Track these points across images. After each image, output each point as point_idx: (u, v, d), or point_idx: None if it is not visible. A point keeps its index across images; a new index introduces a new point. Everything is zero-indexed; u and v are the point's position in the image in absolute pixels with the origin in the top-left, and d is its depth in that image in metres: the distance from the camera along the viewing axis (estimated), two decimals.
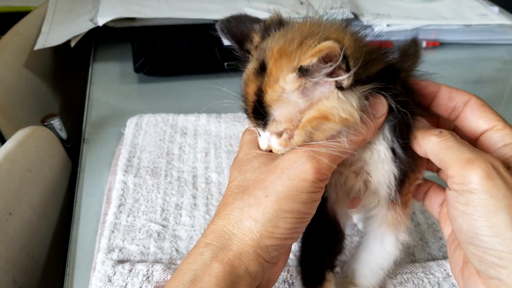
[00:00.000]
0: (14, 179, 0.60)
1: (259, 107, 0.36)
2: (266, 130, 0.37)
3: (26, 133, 0.66)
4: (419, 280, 0.51)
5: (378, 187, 0.40)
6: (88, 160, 0.69)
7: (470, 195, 0.34)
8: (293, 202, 0.35)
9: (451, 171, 0.35)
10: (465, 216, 0.34)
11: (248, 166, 0.38)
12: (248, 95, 0.37)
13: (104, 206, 0.61)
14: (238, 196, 0.37)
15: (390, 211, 0.43)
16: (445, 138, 0.36)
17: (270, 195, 0.35)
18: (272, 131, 0.36)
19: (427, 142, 0.37)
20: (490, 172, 0.33)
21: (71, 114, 0.98)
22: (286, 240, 0.37)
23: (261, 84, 0.35)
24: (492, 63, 1.03)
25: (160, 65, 0.89)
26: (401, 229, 0.44)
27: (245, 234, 0.35)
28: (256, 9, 1.02)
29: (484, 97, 0.40)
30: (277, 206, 0.35)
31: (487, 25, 1.08)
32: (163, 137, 0.72)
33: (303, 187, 0.35)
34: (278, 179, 0.35)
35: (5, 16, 1.29)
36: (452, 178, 0.35)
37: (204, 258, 0.35)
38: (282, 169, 0.36)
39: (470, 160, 0.34)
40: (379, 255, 0.45)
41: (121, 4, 0.98)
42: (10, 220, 0.57)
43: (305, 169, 0.35)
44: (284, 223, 0.35)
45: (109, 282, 0.49)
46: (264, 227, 0.35)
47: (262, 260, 0.36)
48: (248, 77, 0.38)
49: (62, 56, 1.06)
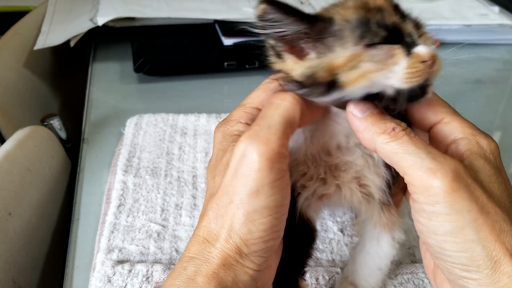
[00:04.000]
0: (13, 179, 0.60)
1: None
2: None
3: (25, 133, 0.66)
4: (419, 281, 0.51)
5: (375, 191, 0.40)
6: (87, 160, 0.69)
7: (433, 209, 0.31)
8: (257, 200, 0.32)
9: (410, 179, 0.32)
10: (429, 232, 0.32)
11: (218, 169, 0.36)
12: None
13: (103, 206, 0.60)
14: (209, 206, 0.34)
15: (383, 213, 0.43)
16: (398, 138, 0.33)
17: (234, 200, 0.33)
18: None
19: (378, 141, 0.33)
20: (454, 184, 0.31)
21: (70, 114, 0.98)
22: (268, 242, 0.34)
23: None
24: (493, 63, 1.03)
25: (160, 65, 0.89)
26: (396, 228, 0.44)
27: (224, 246, 0.33)
28: None
29: (484, 97, 0.40)
30: (242, 210, 0.32)
31: (487, 25, 1.07)
32: (163, 137, 0.72)
33: (261, 179, 0.32)
34: (234, 179, 0.33)
35: (4, 15, 1.29)
36: (413, 187, 0.32)
37: (187, 273, 0.33)
38: (234, 167, 0.33)
39: (431, 170, 0.31)
40: (376, 256, 0.45)
41: (121, 4, 0.98)
42: (9, 220, 0.57)
43: (255, 158, 0.31)
44: (255, 226, 0.32)
45: (108, 282, 0.49)
46: (238, 236, 0.33)
47: (249, 270, 0.34)
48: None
49: (61, 56, 1.06)
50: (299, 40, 0.34)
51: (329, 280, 0.51)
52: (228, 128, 0.38)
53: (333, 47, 0.33)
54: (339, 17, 0.33)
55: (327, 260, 0.54)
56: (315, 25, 0.33)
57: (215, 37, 0.94)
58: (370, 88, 0.34)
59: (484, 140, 0.35)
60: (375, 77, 0.33)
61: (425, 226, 0.33)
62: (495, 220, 0.31)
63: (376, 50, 0.32)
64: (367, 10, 0.34)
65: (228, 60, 0.90)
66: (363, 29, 0.33)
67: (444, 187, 0.30)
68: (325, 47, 0.33)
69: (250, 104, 0.39)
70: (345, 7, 0.34)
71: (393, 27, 0.33)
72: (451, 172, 0.31)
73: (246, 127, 0.37)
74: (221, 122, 0.39)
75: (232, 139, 0.37)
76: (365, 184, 0.40)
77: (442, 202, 0.31)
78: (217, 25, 0.96)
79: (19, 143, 0.64)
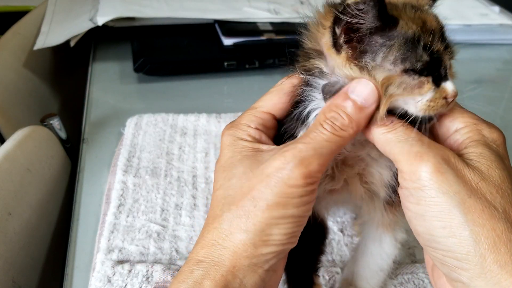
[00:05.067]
0: (13, 179, 0.60)
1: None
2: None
3: (25, 133, 0.66)
4: (420, 281, 0.51)
5: (380, 188, 0.39)
6: (87, 160, 0.69)
7: (420, 192, 0.31)
8: (284, 209, 0.33)
9: (400, 165, 0.33)
10: (418, 217, 0.32)
11: (233, 172, 0.36)
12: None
13: (103, 206, 0.60)
14: (226, 208, 0.35)
15: (386, 212, 0.42)
16: (394, 129, 0.34)
17: (259, 204, 0.33)
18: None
19: (376, 132, 0.34)
20: (440, 166, 0.31)
21: (70, 114, 0.98)
22: (284, 246, 0.35)
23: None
24: (493, 63, 1.03)
25: (159, 64, 0.89)
26: (398, 229, 0.43)
27: (238, 247, 0.33)
28: (256, 9, 1.02)
29: (485, 97, 0.40)
30: (267, 214, 0.33)
31: (487, 25, 1.07)
32: (163, 137, 0.72)
33: (293, 193, 0.33)
34: (266, 187, 0.33)
35: (4, 15, 1.29)
36: (402, 174, 0.33)
37: (194, 277, 0.33)
38: (269, 175, 0.33)
39: (418, 154, 0.32)
40: (378, 257, 0.45)
41: (121, 3, 0.98)
42: (9, 220, 0.57)
43: (294, 175, 0.32)
44: (278, 229, 0.33)
45: (108, 282, 0.49)
46: (258, 237, 0.33)
47: (260, 270, 0.34)
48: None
49: (61, 56, 1.06)
50: (362, 39, 0.33)
51: (329, 280, 0.51)
52: (238, 132, 0.38)
53: (377, 54, 0.33)
54: (401, 24, 0.33)
55: (327, 260, 0.54)
56: (383, 22, 0.32)
57: (215, 37, 0.94)
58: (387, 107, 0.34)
59: (486, 128, 0.35)
60: (398, 101, 0.34)
61: (414, 212, 0.33)
62: (487, 205, 0.30)
63: (409, 77, 0.33)
64: (423, 29, 0.34)
65: (228, 60, 0.90)
66: (410, 48, 0.33)
67: (430, 169, 0.31)
68: (372, 50, 0.33)
69: (261, 108, 0.39)
70: (408, 15, 0.34)
71: (436, 56, 0.34)
72: (439, 156, 0.31)
73: (256, 132, 0.38)
74: (230, 124, 0.39)
75: (242, 144, 0.37)
76: (369, 180, 0.40)
77: (428, 184, 0.31)
78: (217, 25, 0.96)
79: (19, 143, 0.64)
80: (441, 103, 0.34)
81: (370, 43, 0.33)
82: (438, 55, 0.34)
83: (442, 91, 0.34)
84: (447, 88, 0.34)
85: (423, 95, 0.33)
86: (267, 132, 0.38)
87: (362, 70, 0.33)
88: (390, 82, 0.33)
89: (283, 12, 1.01)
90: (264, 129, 0.38)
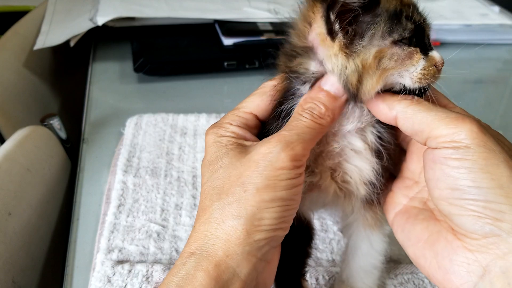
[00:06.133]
0: (13, 179, 0.60)
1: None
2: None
3: (25, 133, 0.66)
4: (420, 281, 0.51)
5: (359, 186, 0.39)
6: (87, 160, 0.69)
7: (467, 150, 0.32)
8: (274, 191, 0.34)
9: (438, 131, 0.34)
10: (462, 170, 0.32)
11: (219, 164, 0.37)
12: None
13: (103, 206, 0.60)
14: (215, 197, 0.35)
15: (367, 212, 0.42)
16: (421, 102, 0.35)
17: (248, 189, 0.34)
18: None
19: (400, 105, 0.35)
20: (482, 128, 0.33)
21: (70, 114, 0.98)
22: (276, 232, 0.35)
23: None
24: (493, 63, 1.03)
25: (159, 64, 0.89)
26: (384, 223, 0.43)
27: (230, 234, 0.34)
28: (256, 9, 1.02)
29: (485, 97, 0.40)
30: (258, 198, 0.34)
31: (487, 25, 1.08)
32: (163, 137, 0.72)
33: (282, 175, 0.34)
34: (254, 171, 0.34)
35: (4, 15, 1.29)
36: (440, 138, 0.34)
37: (187, 268, 0.33)
38: (256, 161, 0.35)
39: (459, 117, 0.33)
40: (370, 256, 0.45)
41: (121, 3, 0.98)
42: (9, 220, 0.57)
43: (281, 157, 0.34)
44: (269, 213, 0.34)
45: (108, 282, 0.49)
46: (249, 222, 0.34)
47: (253, 258, 0.34)
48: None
49: (61, 55, 1.06)
50: (354, 20, 0.34)
51: (329, 280, 0.51)
52: (221, 130, 0.39)
53: (366, 32, 0.34)
54: (383, 1, 0.35)
55: (327, 260, 0.54)
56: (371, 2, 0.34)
57: (215, 37, 0.94)
58: (383, 87, 0.35)
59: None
60: (392, 75, 0.35)
61: (456, 167, 0.33)
62: None
63: (399, 49, 0.34)
64: (402, 3, 0.35)
65: (228, 60, 0.90)
66: (395, 21, 0.34)
67: (476, 128, 0.33)
68: (361, 31, 0.34)
69: (244, 108, 0.40)
70: None
71: (419, 24, 0.35)
72: (476, 120, 0.33)
73: (239, 130, 0.38)
74: (213, 124, 0.40)
75: (226, 140, 0.38)
76: (345, 179, 0.39)
77: (476, 142, 0.32)
78: (217, 25, 0.96)
79: (18, 143, 0.64)
80: (433, 70, 0.36)
81: (360, 24, 0.34)
82: (420, 23, 0.36)
83: (431, 59, 0.36)
84: (435, 56, 0.36)
85: (415, 65, 0.35)
86: (250, 131, 0.39)
87: (348, 58, 0.34)
88: (382, 55, 0.34)
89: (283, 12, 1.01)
90: (247, 127, 0.39)
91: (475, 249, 0.32)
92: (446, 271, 0.34)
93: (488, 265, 0.32)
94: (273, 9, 1.02)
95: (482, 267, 0.32)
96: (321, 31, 0.35)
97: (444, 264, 0.34)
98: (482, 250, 0.32)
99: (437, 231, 0.36)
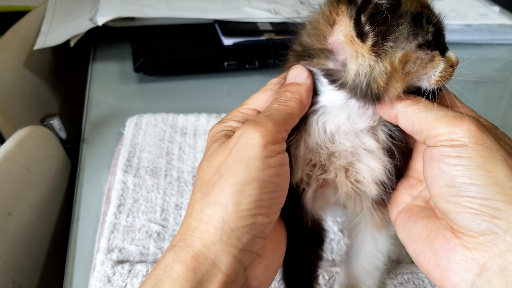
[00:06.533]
0: (13, 179, 0.60)
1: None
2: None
3: (25, 133, 0.66)
4: (420, 281, 0.51)
5: (371, 186, 0.39)
6: (87, 160, 0.69)
7: (464, 148, 0.33)
8: (248, 172, 0.33)
9: (436, 130, 0.34)
10: (459, 167, 0.33)
11: (205, 157, 0.37)
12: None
13: (103, 206, 0.60)
14: (197, 189, 0.36)
15: (376, 212, 0.42)
16: (420, 102, 0.36)
17: (224, 176, 0.34)
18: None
19: (401, 104, 0.36)
20: (481, 126, 0.33)
21: (70, 114, 0.98)
22: (255, 218, 0.34)
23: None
24: (493, 63, 1.03)
25: (159, 64, 0.89)
26: (390, 225, 0.43)
27: (208, 223, 0.33)
28: (256, 9, 1.02)
29: (485, 97, 0.40)
30: (232, 181, 0.33)
31: (487, 25, 1.07)
32: (163, 137, 0.72)
33: (255, 153, 0.34)
34: (229, 156, 0.34)
35: (4, 15, 1.29)
36: (438, 137, 0.34)
37: (166, 261, 0.33)
38: (231, 147, 0.35)
39: (457, 116, 0.34)
40: (373, 257, 0.45)
41: (121, 3, 0.98)
42: (9, 220, 0.57)
43: (252, 135, 0.34)
44: (244, 197, 0.33)
45: (108, 282, 0.49)
46: (225, 209, 0.33)
47: (233, 249, 0.33)
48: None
49: (61, 55, 1.06)
50: (384, 22, 0.34)
51: (329, 280, 0.51)
52: (219, 126, 0.39)
53: (392, 35, 0.34)
54: (405, 2, 0.35)
55: (327, 260, 0.54)
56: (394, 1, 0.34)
57: (215, 37, 0.94)
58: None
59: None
60: (412, 79, 0.35)
61: (454, 164, 0.33)
62: None
63: (423, 53, 0.35)
64: (422, 5, 0.36)
65: (228, 60, 0.90)
66: (418, 24, 0.34)
67: (474, 127, 0.33)
68: (389, 33, 0.34)
69: (248, 105, 0.40)
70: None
71: (438, 26, 0.36)
72: (475, 119, 0.34)
73: (238, 124, 0.39)
74: (217, 123, 0.40)
75: (220, 134, 0.38)
76: (358, 178, 0.39)
77: (474, 140, 0.32)
78: (217, 25, 0.96)
79: (18, 143, 0.64)
80: (450, 72, 0.36)
81: (388, 25, 0.34)
82: (439, 25, 0.36)
83: (448, 60, 0.36)
84: (451, 56, 0.37)
85: (435, 68, 0.35)
86: None
87: (377, 59, 0.34)
88: (408, 59, 0.34)
89: (283, 12, 1.01)
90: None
91: (473, 247, 0.32)
92: (444, 268, 0.34)
93: (485, 263, 0.31)
94: (273, 9, 1.02)
95: (480, 265, 0.32)
96: (347, 33, 0.35)
97: (442, 262, 0.34)
98: (479, 248, 0.32)
99: (436, 228, 0.36)
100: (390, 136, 0.38)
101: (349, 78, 0.35)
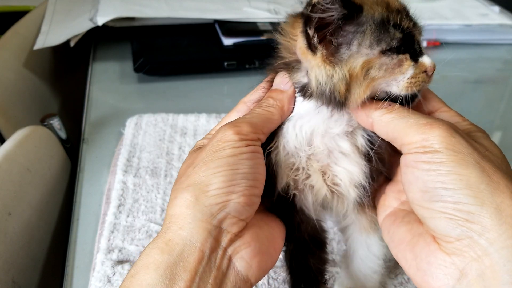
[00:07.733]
0: (13, 179, 0.60)
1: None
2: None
3: (25, 133, 0.66)
4: None
5: (349, 188, 0.39)
6: (87, 160, 0.69)
7: (436, 153, 0.33)
8: (219, 159, 0.36)
9: (409, 138, 0.34)
10: (431, 172, 0.33)
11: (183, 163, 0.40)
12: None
13: (103, 206, 0.60)
14: (173, 186, 0.38)
15: (362, 215, 0.42)
16: (394, 109, 0.36)
17: (198, 165, 0.36)
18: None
19: (375, 114, 0.36)
20: (451, 131, 0.33)
21: (70, 114, 0.98)
22: (228, 196, 0.35)
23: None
24: (493, 63, 1.03)
25: (159, 64, 0.89)
26: (379, 228, 0.43)
27: (182, 206, 0.35)
28: (256, 9, 1.02)
29: (485, 97, 0.40)
30: (204, 167, 0.36)
31: (487, 25, 1.08)
32: (163, 137, 0.72)
33: (226, 145, 0.36)
34: (204, 151, 0.37)
35: (4, 15, 1.29)
36: (411, 145, 0.34)
37: (145, 251, 0.34)
38: (206, 147, 0.38)
39: (427, 123, 0.34)
40: (369, 261, 0.45)
41: (121, 3, 0.98)
42: (9, 220, 0.57)
43: (226, 133, 0.37)
44: (216, 177, 0.35)
45: (108, 282, 0.49)
46: (198, 188, 0.35)
47: (208, 225, 0.34)
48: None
49: (61, 55, 1.06)
50: (335, 32, 0.34)
51: (329, 280, 0.51)
52: (201, 141, 0.42)
53: (352, 41, 0.34)
54: (366, 9, 0.34)
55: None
56: (349, 9, 0.34)
57: (215, 37, 0.94)
58: (369, 94, 0.35)
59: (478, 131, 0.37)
60: (379, 84, 0.35)
61: (426, 170, 0.33)
62: (498, 168, 0.32)
63: (388, 58, 0.34)
64: (389, 9, 0.35)
65: (228, 60, 0.90)
66: (382, 30, 0.34)
67: (444, 133, 0.33)
68: (346, 40, 0.34)
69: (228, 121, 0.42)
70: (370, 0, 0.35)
71: (408, 32, 0.35)
72: (447, 125, 0.34)
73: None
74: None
75: (201, 143, 0.41)
76: (335, 181, 0.39)
77: (444, 146, 0.33)
78: (217, 25, 0.96)
79: (18, 143, 0.64)
80: (422, 77, 0.35)
81: (343, 34, 0.34)
82: (409, 31, 0.35)
83: (421, 65, 0.36)
84: (425, 62, 0.36)
85: (404, 73, 0.35)
86: None
87: (334, 67, 0.35)
88: (370, 66, 0.34)
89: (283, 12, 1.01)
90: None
91: (451, 252, 0.32)
92: (425, 273, 0.34)
93: (464, 268, 0.31)
94: (273, 9, 1.02)
95: (459, 270, 0.32)
96: (301, 46, 0.36)
97: (422, 266, 0.34)
98: (457, 253, 0.32)
99: (419, 233, 0.36)
100: (369, 141, 0.39)
101: (313, 86, 0.36)
